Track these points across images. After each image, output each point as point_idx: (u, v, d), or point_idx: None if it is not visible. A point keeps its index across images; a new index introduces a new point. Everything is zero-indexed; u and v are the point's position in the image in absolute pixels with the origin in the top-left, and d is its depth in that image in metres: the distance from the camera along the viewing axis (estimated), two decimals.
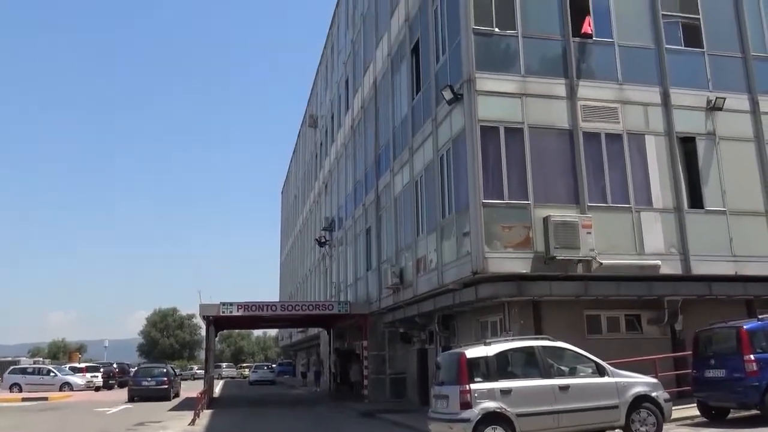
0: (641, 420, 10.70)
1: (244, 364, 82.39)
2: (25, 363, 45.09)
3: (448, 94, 15.50)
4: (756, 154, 16.47)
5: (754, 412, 11.82)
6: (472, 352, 10.62)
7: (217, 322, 28.50)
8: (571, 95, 15.56)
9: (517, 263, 14.26)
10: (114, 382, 42.49)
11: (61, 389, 36.26)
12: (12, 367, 40.29)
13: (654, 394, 10.93)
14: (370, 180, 25.07)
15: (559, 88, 15.56)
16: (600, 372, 10.86)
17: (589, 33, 15.95)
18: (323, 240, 34.89)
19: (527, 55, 15.59)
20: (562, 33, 15.93)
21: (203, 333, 38.14)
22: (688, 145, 16.24)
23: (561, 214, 14.45)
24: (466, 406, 10.08)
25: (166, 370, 30.64)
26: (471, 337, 16.44)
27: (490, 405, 10.08)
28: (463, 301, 15.88)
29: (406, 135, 20.20)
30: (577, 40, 15.93)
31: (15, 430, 18.03)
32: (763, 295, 15.90)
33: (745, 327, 12.01)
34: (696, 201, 15.91)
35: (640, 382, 11.04)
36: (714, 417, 12.69)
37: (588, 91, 15.71)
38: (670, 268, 15.20)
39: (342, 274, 31.45)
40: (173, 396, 30.13)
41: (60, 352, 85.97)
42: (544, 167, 14.97)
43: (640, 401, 10.79)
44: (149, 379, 29.47)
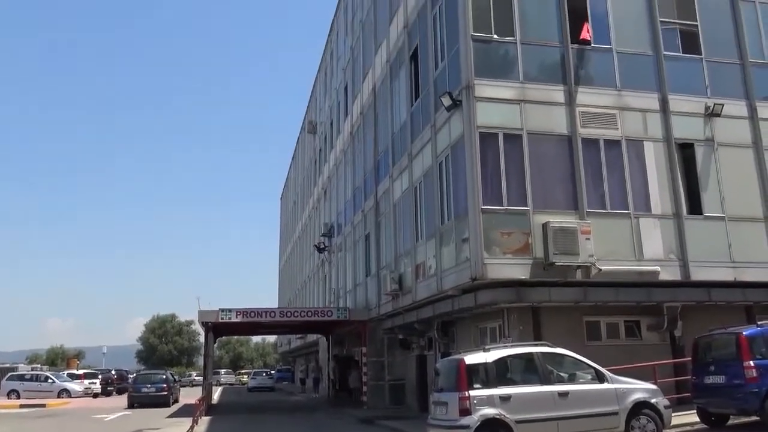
0: (641, 426, 10.70)
1: (243, 371, 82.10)
2: (23, 370, 44.84)
3: (446, 101, 15.52)
4: (754, 160, 16.51)
5: (754, 418, 11.83)
6: (471, 359, 10.61)
7: (216, 329, 28.48)
8: (570, 101, 15.59)
9: (516, 269, 14.25)
10: (112, 388, 42.37)
11: (59, 396, 36.10)
12: (10, 373, 40.06)
13: (654, 401, 10.93)
14: (369, 186, 25.08)
15: (557, 94, 15.59)
16: (599, 378, 10.86)
17: (588, 39, 15.97)
18: (322, 246, 34.87)
19: (526, 62, 15.62)
20: (560, 39, 15.97)
21: (202, 339, 38.14)
22: (686, 151, 16.26)
23: (560, 220, 14.45)
24: (466, 412, 10.07)
25: (165, 377, 30.80)
26: (470, 344, 16.41)
27: (490, 411, 10.06)
28: (462, 307, 15.87)
29: (405, 141, 20.22)
30: (575, 46, 15.96)
31: None
32: (763, 301, 15.91)
33: (744, 333, 11.98)
34: (695, 207, 15.91)
35: (639, 389, 11.04)
36: (714, 423, 12.67)
37: (586, 97, 15.73)
38: (669, 274, 15.20)
39: (341, 281, 31.42)
40: (173, 402, 30.15)
41: (58, 359, 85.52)
42: (543, 173, 14.98)
43: (640, 408, 10.77)
44: (149, 385, 29.58)
